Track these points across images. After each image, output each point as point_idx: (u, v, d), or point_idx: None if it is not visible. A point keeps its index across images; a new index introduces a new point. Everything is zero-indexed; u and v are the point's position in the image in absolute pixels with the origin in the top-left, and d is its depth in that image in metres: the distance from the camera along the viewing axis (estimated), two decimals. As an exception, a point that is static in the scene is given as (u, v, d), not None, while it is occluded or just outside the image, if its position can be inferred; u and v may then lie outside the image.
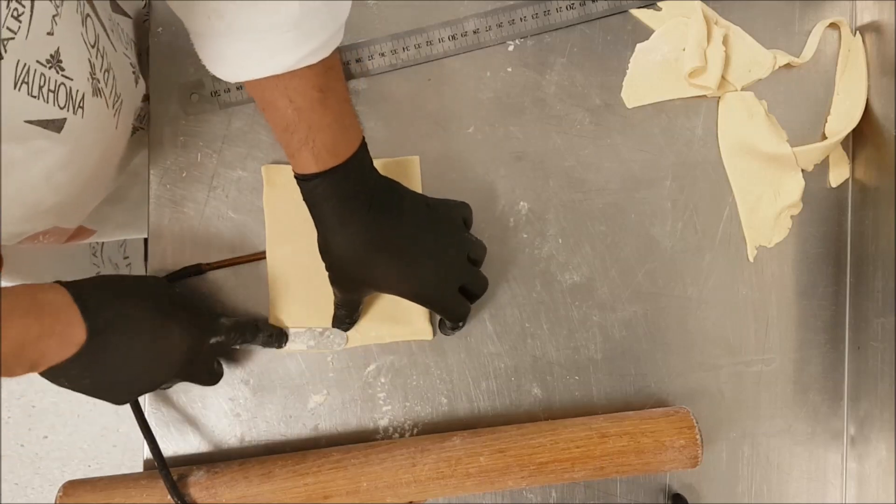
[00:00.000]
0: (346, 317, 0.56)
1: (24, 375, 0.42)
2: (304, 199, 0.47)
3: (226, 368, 0.57)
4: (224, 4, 0.41)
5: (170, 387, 0.56)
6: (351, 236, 0.47)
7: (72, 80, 0.42)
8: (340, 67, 0.46)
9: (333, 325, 0.57)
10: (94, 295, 0.45)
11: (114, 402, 0.49)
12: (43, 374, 0.44)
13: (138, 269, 1.10)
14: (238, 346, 0.55)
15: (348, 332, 0.57)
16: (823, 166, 0.61)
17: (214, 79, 0.58)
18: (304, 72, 0.43)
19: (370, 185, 0.48)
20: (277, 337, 0.56)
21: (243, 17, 0.41)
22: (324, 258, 0.50)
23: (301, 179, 0.46)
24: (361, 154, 0.47)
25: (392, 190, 0.50)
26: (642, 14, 0.60)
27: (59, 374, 0.44)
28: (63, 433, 1.35)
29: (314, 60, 0.42)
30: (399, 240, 0.49)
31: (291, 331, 0.57)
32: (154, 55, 0.58)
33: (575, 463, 0.53)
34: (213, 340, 0.53)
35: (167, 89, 0.58)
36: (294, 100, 0.44)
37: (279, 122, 0.45)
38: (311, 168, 0.45)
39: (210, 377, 0.55)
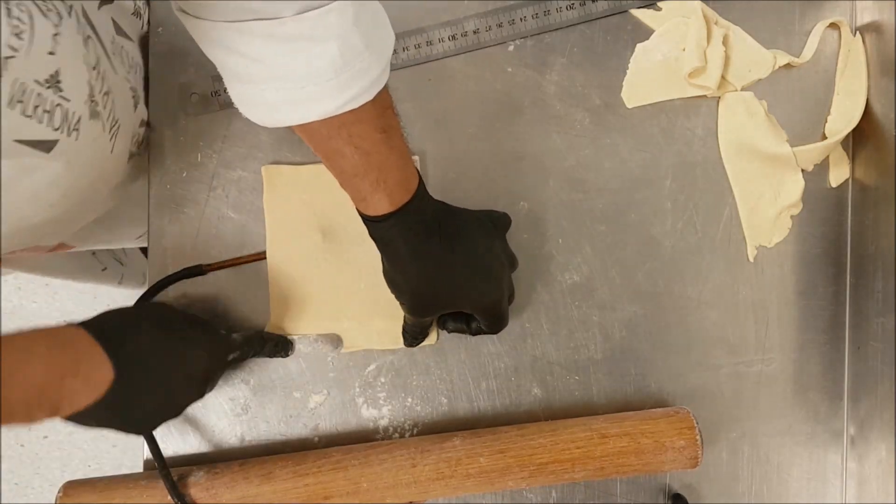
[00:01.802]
0: (418, 334, 0.56)
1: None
2: (374, 238, 0.47)
3: (226, 368, 0.58)
4: (262, 49, 0.39)
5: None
6: (426, 269, 0.47)
7: (69, 101, 0.42)
8: (392, 101, 0.44)
9: (405, 343, 0.57)
10: (113, 331, 0.44)
11: (141, 433, 0.49)
12: (69, 419, 0.43)
13: (136, 263, 1.09)
14: (250, 358, 0.55)
15: (351, 339, 0.58)
16: (823, 166, 0.61)
17: (214, 79, 0.58)
18: (365, 116, 0.42)
19: (432, 213, 0.48)
20: (283, 346, 0.56)
21: (280, 64, 0.39)
22: (395, 291, 0.50)
23: (372, 221, 0.45)
24: (422, 184, 0.47)
25: (449, 213, 0.50)
26: (642, 14, 0.60)
27: (88, 417, 0.43)
28: (63, 433, 1.35)
29: (357, 105, 0.41)
30: (468, 261, 0.49)
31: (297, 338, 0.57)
32: (154, 55, 0.58)
33: (575, 463, 0.53)
34: (230, 357, 0.52)
35: (167, 89, 0.58)
36: (360, 146, 0.42)
37: (347, 169, 0.43)
38: (385, 209, 0.44)
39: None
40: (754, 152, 0.60)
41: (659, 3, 0.60)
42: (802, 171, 0.60)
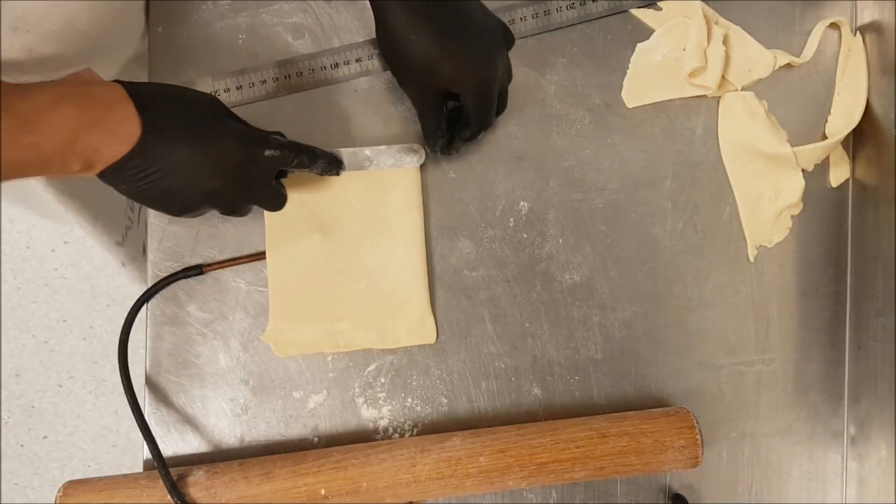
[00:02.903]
0: (434, 127, 0.55)
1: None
2: None
3: (226, 368, 0.57)
4: None
5: (237, 211, 0.52)
6: (414, 11, 0.47)
7: None
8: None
9: (428, 144, 0.56)
10: (149, 93, 0.45)
11: (170, 212, 0.49)
12: (101, 177, 0.45)
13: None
14: (295, 169, 0.53)
15: (351, 339, 0.57)
16: (823, 166, 0.61)
17: (214, 78, 0.58)
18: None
19: None
20: (336, 163, 0.55)
21: None
22: (384, 44, 0.50)
23: None
24: None
25: None
26: (642, 14, 0.60)
27: (117, 175, 0.44)
28: (63, 433, 1.35)
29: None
30: (465, 22, 0.49)
31: (369, 150, 0.56)
32: (154, 55, 0.58)
33: (575, 463, 0.53)
34: (267, 153, 0.49)
35: (167, 89, 0.58)
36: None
37: None
38: None
39: (273, 197, 0.53)
40: (754, 152, 0.60)
41: (659, 3, 0.60)
42: (802, 171, 0.60)
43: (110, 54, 0.59)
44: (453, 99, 0.54)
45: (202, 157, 0.47)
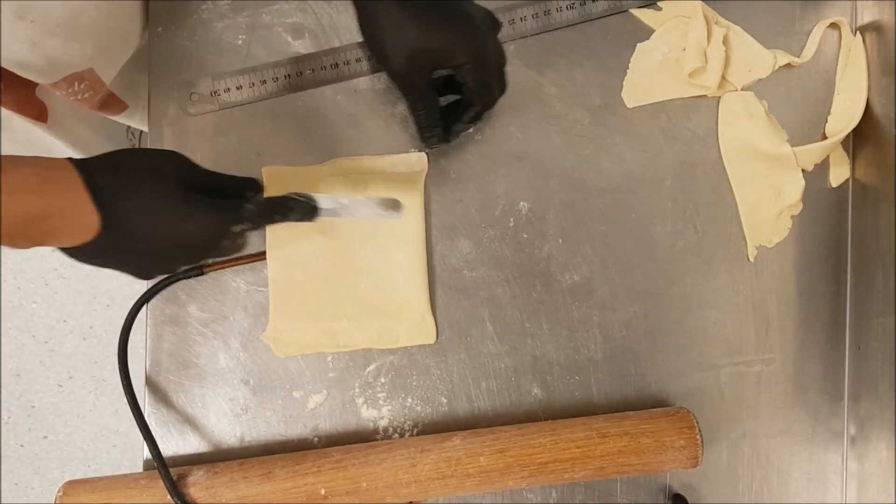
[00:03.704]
0: (426, 116, 0.53)
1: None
2: None
3: (226, 368, 0.57)
4: None
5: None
6: (402, 3, 0.47)
7: None
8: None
9: (421, 137, 0.55)
10: (107, 180, 0.42)
11: (141, 278, 0.49)
12: (64, 252, 0.43)
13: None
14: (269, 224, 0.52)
15: (351, 339, 0.57)
16: (823, 166, 0.61)
17: (214, 78, 0.58)
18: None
19: None
20: (310, 212, 0.51)
21: None
22: (367, 31, 0.49)
23: None
24: None
25: None
26: (642, 14, 0.60)
27: (77, 256, 0.44)
28: (63, 433, 1.35)
29: None
30: (450, 6, 0.48)
31: (346, 200, 0.53)
32: (154, 55, 0.58)
33: (575, 463, 0.53)
34: (236, 228, 0.48)
35: (167, 89, 0.58)
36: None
37: None
38: None
39: (237, 248, 0.51)
40: (754, 152, 0.60)
41: (659, 3, 0.60)
42: (802, 171, 0.60)
43: (112, 54, 0.59)
44: (450, 91, 0.54)
45: (166, 244, 0.46)
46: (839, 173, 0.61)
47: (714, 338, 0.60)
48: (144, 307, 0.57)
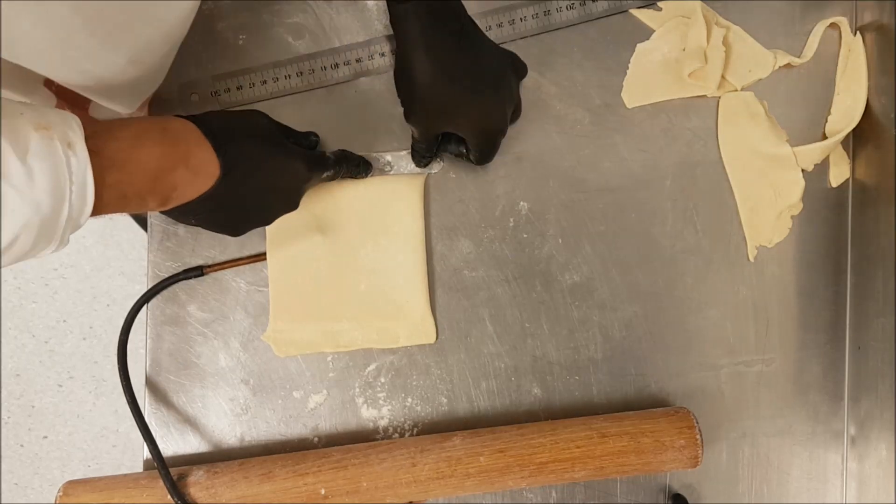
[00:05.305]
0: (425, 151, 0.56)
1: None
2: (392, 20, 0.47)
3: (226, 368, 0.58)
4: None
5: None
6: (436, 62, 0.47)
7: None
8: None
9: (414, 160, 0.58)
10: (220, 130, 0.45)
11: (233, 234, 0.50)
12: (168, 213, 0.45)
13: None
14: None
15: (351, 339, 0.58)
16: (823, 166, 0.61)
17: (214, 79, 0.58)
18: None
19: (463, 18, 0.48)
20: (366, 167, 0.57)
21: None
22: (401, 85, 0.50)
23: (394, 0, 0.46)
24: None
25: (473, 23, 0.50)
26: (642, 14, 0.60)
27: (190, 211, 0.45)
28: (63, 433, 1.35)
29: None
30: (477, 66, 0.49)
31: (391, 155, 0.58)
32: (154, 55, 0.58)
33: (575, 463, 0.53)
34: (325, 175, 0.53)
35: (167, 89, 0.58)
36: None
37: None
38: None
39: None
40: (754, 152, 0.60)
41: (659, 3, 0.60)
42: (802, 170, 0.60)
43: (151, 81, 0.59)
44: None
45: (272, 190, 0.49)
46: (839, 173, 0.61)
47: (714, 338, 0.60)
48: (144, 307, 0.57)
